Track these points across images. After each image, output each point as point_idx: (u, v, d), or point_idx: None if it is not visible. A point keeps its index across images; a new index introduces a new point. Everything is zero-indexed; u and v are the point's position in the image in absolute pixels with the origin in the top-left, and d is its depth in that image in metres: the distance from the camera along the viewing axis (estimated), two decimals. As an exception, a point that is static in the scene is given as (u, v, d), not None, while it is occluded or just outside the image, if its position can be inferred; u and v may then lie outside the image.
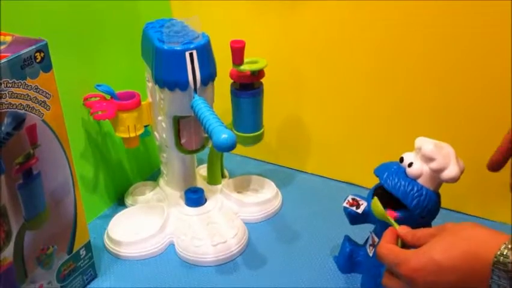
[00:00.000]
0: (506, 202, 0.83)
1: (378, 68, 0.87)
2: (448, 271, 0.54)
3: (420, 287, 0.55)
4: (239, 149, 0.85)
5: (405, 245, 0.60)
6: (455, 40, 0.79)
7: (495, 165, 0.68)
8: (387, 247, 0.59)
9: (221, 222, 0.86)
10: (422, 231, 0.59)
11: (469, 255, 0.53)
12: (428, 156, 0.65)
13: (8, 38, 0.63)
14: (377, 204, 0.66)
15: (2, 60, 0.58)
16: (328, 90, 0.93)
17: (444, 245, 0.55)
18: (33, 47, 0.61)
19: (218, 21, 0.95)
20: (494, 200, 0.86)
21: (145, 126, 0.87)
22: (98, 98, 0.84)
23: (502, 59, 0.77)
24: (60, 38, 0.77)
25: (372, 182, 0.71)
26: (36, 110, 0.63)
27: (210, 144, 0.88)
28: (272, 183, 0.95)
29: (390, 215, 0.65)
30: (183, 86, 0.76)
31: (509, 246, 0.51)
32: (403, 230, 0.61)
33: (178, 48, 0.75)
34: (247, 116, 0.87)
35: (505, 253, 0.51)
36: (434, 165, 0.65)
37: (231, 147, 0.68)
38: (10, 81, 0.59)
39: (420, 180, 0.67)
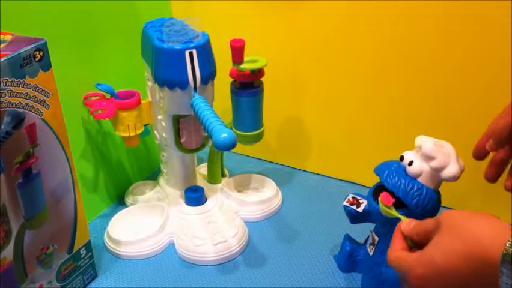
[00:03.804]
0: (506, 201, 0.83)
1: (379, 67, 0.87)
2: (453, 275, 0.53)
3: None
4: (239, 148, 0.85)
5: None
6: (456, 39, 0.79)
7: (493, 177, 0.69)
8: (394, 256, 0.58)
9: (221, 221, 0.86)
10: (424, 227, 0.58)
11: (471, 258, 0.52)
12: (428, 154, 0.65)
13: (8, 37, 0.63)
14: (381, 202, 0.66)
15: (2, 59, 0.58)
16: (328, 89, 0.92)
17: (444, 248, 0.54)
18: (33, 45, 0.61)
19: (218, 20, 0.94)
20: (495, 199, 0.86)
21: (145, 125, 0.87)
22: (98, 97, 0.84)
23: (502, 58, 0.77)
24: (60, 37, 0.77)
25: (373, 180, 0.71)
26: (35, 108, 0.63)
27: (210, 143, 0.88)
28: (272, 182, 0.95)
29: (384, 201, 0.65)
30: (183, 84, 0.76)
31: None
32: (407, 227, 0.60)
33: (178, 47, 0.75)
34: (247, 115, 0.87)
35: (510, 252, 0.49)
36: (435, 163, 0.65)
37: (231, 146, 0.68)
38: (9, 80, 0.59)
39: (420, 179, 0.67)
